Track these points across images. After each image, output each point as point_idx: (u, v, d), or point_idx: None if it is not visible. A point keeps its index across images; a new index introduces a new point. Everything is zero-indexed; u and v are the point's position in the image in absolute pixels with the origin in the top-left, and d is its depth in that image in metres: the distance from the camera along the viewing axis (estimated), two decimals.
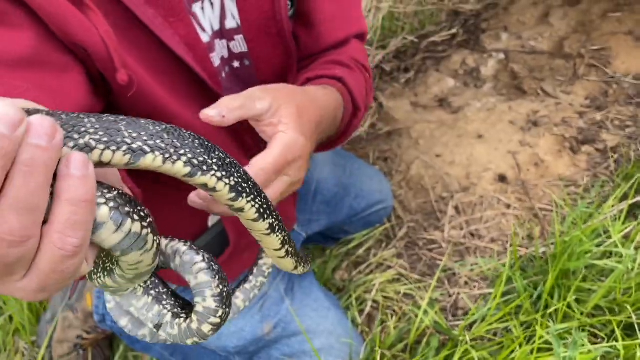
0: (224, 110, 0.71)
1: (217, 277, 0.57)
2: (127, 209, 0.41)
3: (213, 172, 0.46)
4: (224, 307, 0.57)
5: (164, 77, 0.79)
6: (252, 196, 0.51)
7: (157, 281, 0.61)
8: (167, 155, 0.42)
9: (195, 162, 0.44)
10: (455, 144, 2.03)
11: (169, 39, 0.77)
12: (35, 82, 0.64)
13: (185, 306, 0.62)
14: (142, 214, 0.43)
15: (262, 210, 0.53)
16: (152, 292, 0.60)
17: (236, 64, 0.97)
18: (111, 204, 0.40)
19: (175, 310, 0.60)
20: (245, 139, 0.97)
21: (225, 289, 0.58)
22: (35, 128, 0.34)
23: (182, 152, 0.43)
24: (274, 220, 0.56)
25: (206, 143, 0.46)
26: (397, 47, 2.45)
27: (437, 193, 1.87)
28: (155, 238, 0.45)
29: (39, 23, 0.66)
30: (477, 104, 2.20)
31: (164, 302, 0.60)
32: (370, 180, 1.66)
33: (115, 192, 0.41)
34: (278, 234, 0.58)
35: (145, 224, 0.43)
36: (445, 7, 2.57)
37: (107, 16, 0.69)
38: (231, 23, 0.91)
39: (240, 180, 0.49)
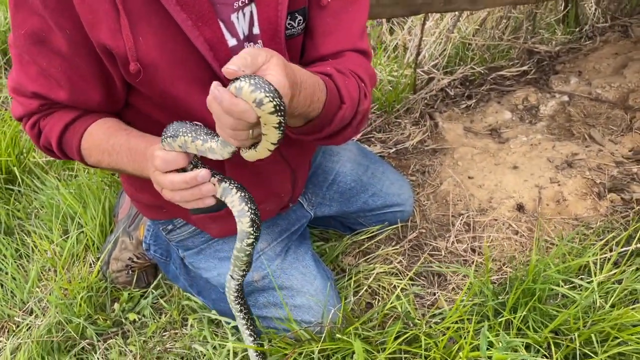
0: (241, 67, 0.84)
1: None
2: None
3: None
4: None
5: (184, 68, 1.10)
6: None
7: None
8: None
9: None
10: (489, 170, 2.18)
11: (195, 39, 1.07)
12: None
13: None
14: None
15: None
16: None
17: None
18: None
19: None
20: None
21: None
22: None
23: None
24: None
25: None
26: (464, 75, 2.62)
27: (457, 209, 2.04)
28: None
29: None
30: (523, 138, 2.32)
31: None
32: (391, 184, 1.88)
33: None
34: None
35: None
36: (519, 45, 2.69)
37: (148, 16, 1.01)
38: (256, 30, 1.19)
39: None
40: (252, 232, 1.04)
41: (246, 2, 1.13)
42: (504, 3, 2.45)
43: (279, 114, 0.82)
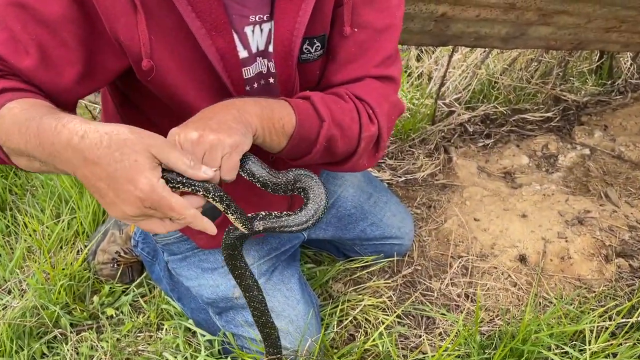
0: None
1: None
2: None
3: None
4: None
5: (193, 74, 1.06)
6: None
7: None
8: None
9: None
10: (497, 215, 2.11)
11: (207, 48, 1.03)
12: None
13: None
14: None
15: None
16: None
17: (271, 80, 1.21)
18: None
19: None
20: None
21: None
22: None
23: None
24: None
25: None
26: (485, 113, 2.56)
27: (457, 250, 1.97)
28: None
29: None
30: (537, 186, 2.25)
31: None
32: (393, 216, 1.83)
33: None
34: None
35: None
36: (547, 90, 2.62)
37: (162, 15, 0.98)
38: (271, 48, 1.16)
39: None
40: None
41: (264, 18, 1.10)
42: (537, 46, 2.39)
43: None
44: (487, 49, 2.54)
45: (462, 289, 1.82)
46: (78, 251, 1.92)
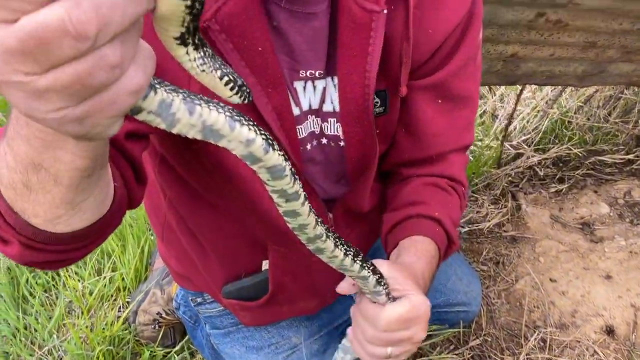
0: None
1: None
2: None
3: None
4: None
5: None
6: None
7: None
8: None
9: None
10: (576, 275, 1.88)
11: (261, 106, 0.90)
12: None
13: None
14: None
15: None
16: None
17: (324, 141, 1.07)
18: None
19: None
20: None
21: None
22: None
23: None
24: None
25: None
26: (558, 155, 2.32)
27: (532, 318, 1.75)
28: None
29: None
30: (621, 241, 2.00)
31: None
32: (459, 280, 1.63)
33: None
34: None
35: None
36: (627, 130, 2.37)
37: None
38: (328, 107, 1.01)
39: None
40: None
41: (317, 75, 0.96)
42: (617, 83, 2.15)
43: None
44: (560, 87, 2.32)
45: None
46: (119, 308, 1.82)
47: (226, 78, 0.50)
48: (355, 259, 0.76)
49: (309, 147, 1.05)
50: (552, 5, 1.61)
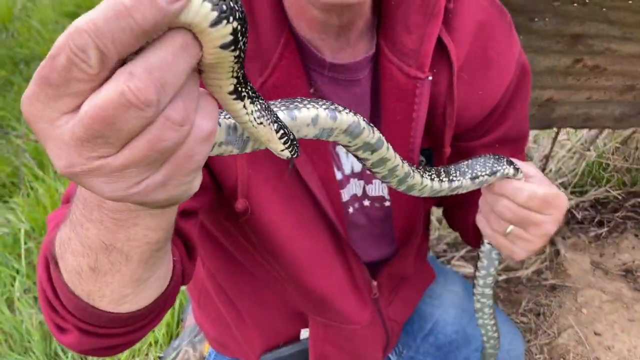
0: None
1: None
2: None
3: None
4: None
5: (290, 209, 0.90)
6: None
7: None
8: None
9: None
10: (622, 328, 1.79)
11: (307, 175, 0.87)
12: None
13: None
14: None
15: None
16: None
17: (366, 203, 1.04)
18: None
19: None
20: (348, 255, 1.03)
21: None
22: None
23: None
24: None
25: None
26: (596, 197, 2.25)
27: None
28: None
29: None
30: None
31: None
32: (501, 337, 1.56)
33: None
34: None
35: None
36: None
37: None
38: None
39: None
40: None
41: None
42: None
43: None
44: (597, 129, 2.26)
45: None
46: None
47: (282, 132, 0.48)
48: (445, 177, 0.77)
49: (351, 210, 1.03)
50: (589, 52, 1.58)
